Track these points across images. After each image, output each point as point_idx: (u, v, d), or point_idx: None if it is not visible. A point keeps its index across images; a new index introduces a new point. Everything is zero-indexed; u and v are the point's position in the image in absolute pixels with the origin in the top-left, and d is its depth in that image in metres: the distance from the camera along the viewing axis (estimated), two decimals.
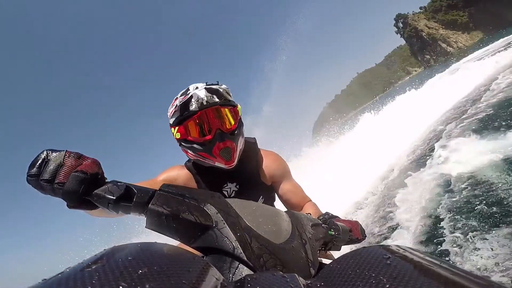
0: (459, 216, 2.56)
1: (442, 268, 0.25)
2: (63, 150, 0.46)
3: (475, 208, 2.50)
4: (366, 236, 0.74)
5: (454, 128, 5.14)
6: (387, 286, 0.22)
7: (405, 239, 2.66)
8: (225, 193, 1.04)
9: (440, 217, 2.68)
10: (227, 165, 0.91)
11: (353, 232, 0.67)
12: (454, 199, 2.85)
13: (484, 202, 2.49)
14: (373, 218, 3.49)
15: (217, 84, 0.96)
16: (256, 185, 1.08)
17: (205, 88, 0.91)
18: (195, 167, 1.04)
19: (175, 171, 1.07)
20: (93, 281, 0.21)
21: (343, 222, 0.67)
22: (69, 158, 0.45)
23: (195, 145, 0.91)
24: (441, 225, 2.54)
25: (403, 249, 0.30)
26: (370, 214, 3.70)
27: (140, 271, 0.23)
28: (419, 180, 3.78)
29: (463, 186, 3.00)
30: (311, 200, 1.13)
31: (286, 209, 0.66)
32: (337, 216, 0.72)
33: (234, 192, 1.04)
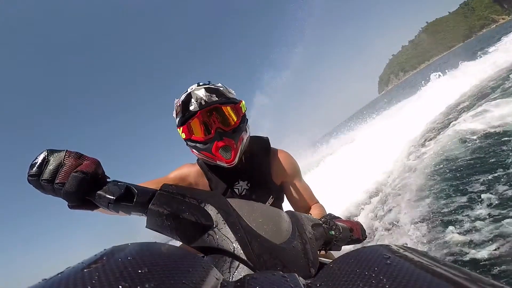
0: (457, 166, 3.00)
1: (442, 268, 0.25)
2: (64, 150, 0.46)
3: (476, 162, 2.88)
4: (366, 237, 0.74)
5: (499, 88, 5.22)
6: (387, 286, 0.22)
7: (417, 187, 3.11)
8: (236, 191, 1.04)
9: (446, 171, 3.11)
10: (227, 163, 0.91)
11: (354, 232, 0.68)
12: (464, 151, 3.29)
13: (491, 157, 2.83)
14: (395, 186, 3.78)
15: (208, 84, 0.97)
16: (267, 185, 1.08)
17: (204, 88, 0.92)
18: (207, 165, 1.05)
19: (186, 168, 1.09)
20: (93, 281, 0.21)
21: (344, 223, 0.67)
22: (69, 158, 0.45)
23: (198, 144, 0.92)
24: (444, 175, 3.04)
25: (403, 249, 0.30)
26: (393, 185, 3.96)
27: (140, 271, 0.23)
28: (441, 137, 4.23)
29: (474, 138, 3.41)
30: (318, 202, 1.13)
31: (292, 209, 0.65)
32: (338, 217, 0.73)
33: (245, 190, 1.04)
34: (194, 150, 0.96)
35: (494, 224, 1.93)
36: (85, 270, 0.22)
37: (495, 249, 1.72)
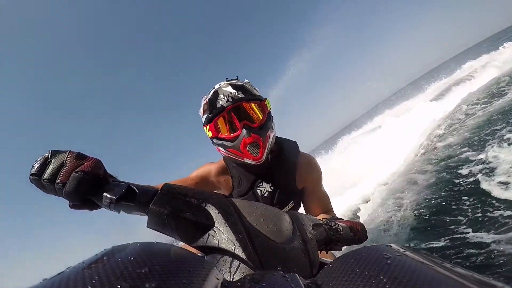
0: None
1: (442, 268, 0.25)
2: (67, 151, 0.47)
3: None
4: (367, 237, 0.74)
5: None
6: (387, 286, 0.22)
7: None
8: (259, 191, 1.03)
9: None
10: (255, 161, 0.90)
11: (355, 232, 0.67)
12: None
13: None
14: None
15: (237, 79, 0.98)
16: (290, 189, 1.06)
17: (230, 84, 0.93)
18: (233, 162, 1.04)
19: (207, 167, 1.09)
20: (94, 281, 0.21)
21: (345, 223, 0.67)
22: (71, 158, 0.46)
23: (225, 142, 0.92)
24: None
25: (404, 249, 0.30)
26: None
27: (141, 270, 0.23)
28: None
29: None
30: (332, 211, 1.11)
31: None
32: (340, 218, 0.73)
33: (267, 192, 1.03)
34: (220, 148, 0.96)
35: None
36: (85, 270, 0.22)
37: None
